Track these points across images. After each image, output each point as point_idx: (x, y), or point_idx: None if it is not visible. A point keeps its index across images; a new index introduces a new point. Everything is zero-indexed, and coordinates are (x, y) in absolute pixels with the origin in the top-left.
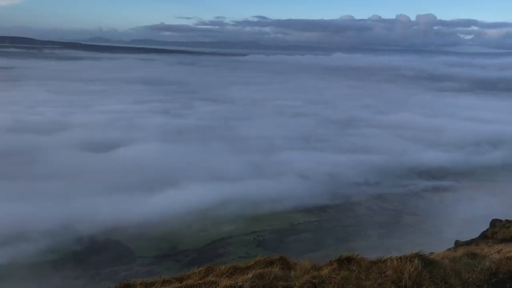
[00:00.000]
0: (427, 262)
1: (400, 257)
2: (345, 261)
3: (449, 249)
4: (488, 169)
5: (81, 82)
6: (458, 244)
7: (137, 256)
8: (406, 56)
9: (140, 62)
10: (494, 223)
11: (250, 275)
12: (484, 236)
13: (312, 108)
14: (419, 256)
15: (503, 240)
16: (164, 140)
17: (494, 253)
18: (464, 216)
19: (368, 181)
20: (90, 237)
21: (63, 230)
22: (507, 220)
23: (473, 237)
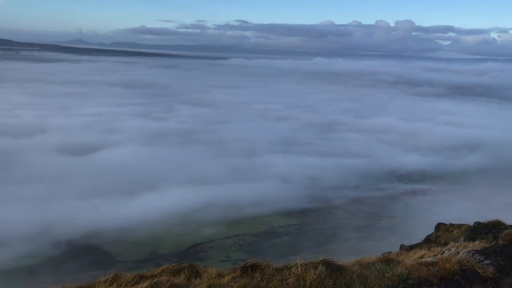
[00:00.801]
0: (334, 268)
1: (306, 264)
2: (249, 268)
3: (384, 253)
4: (465, 173)
5: (60, 84)
6: (402, 248)
7: (117, 260)
8: (386, 61)
9: (120, 65)
10: (439, 226)
11: (145, 284)
12: (428, 240)
13: (293, 112)
14: (325, 262)
15: (445, 244)
16: (145, 144)
17: (416, 257)
18: (441, 219)
19: (348, 184)
20: (68, 241)
21: (41, 234)
22: (451, 224)
23: (419, 241)
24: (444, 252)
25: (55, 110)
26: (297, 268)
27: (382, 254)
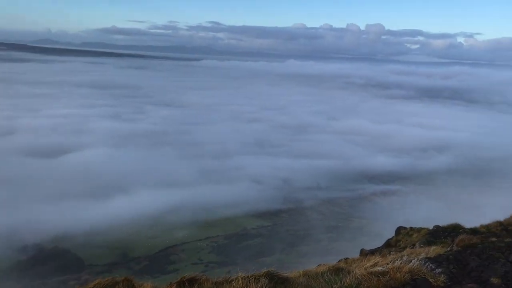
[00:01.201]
0: (278, 280)
1: (248, 277)
2: (186, 283)
3: (340, 260)
4: (433, 174)
5: (28, 85)
6: (363, 252)
7: (87, 264)
8: (356, 64)
9: (90, 66)
10: (399, 230)
11: None
12: (388, 244)
13: (266, 113)
14: (269, 275)
15: (405, 249)
16: (115, 145)
17: (368, 266)
18: (410, 219)
19: (319, 185)
20: (36, 246)
21: (7, 239)
22: (411, 228)
23: (380, 245)
24: (395, 260)
25: (23, 111)
26: (238, 281)
27: (339, 260)
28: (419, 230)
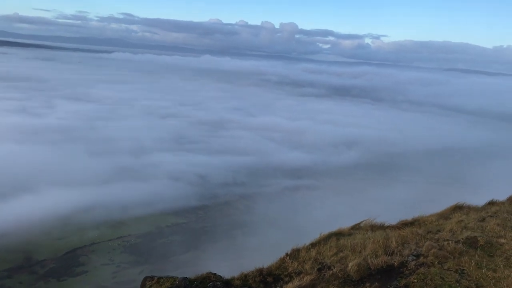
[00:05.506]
0: None
1: None
2: None
3: None
4: (343, 168)
5: None
6: None
7: None
8: (271, 62)
9: None
10: (145, 282)
11: None
12: None
13: (182, 109)
14: None
15: None
16: (20, 142)
17: None
18: (322, 213)
19: (236, 181)
20: None
21: None
22: (158, 279)
23: None
24: None
25: None
26: None
27: None
28: (163, 282)
